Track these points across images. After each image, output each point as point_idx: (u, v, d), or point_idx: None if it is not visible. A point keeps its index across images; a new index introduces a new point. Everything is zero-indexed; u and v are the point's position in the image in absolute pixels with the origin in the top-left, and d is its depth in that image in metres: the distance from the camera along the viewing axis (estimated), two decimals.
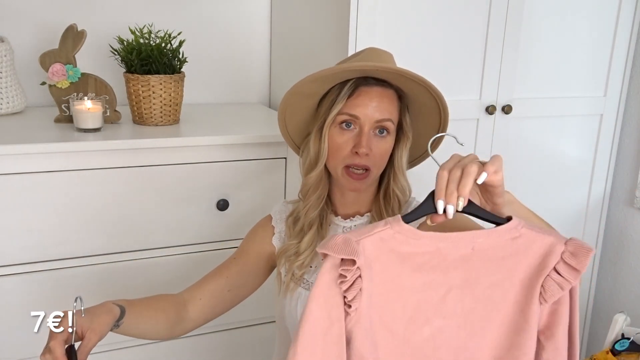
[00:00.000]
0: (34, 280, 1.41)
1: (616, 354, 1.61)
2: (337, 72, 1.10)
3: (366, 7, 1.48)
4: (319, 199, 1.18)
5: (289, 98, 1.17)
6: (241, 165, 1.53)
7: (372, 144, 1.10)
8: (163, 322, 1.14)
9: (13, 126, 1.52)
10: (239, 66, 1.99)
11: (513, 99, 1.74)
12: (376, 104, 1.10)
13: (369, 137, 1.10)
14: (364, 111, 1.09)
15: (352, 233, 0.87)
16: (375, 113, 1.09)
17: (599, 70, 1.87)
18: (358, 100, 1.10)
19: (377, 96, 1.10)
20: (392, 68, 1.09)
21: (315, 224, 1.19)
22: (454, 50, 1.64)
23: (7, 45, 1.59)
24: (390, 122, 1.11)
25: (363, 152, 1.09)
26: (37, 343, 1.41)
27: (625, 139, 1.98)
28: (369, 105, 1.09)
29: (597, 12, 1.80)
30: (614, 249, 2.06)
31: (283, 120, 1.21)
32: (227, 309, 1.24)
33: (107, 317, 1.01)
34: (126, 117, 1.60)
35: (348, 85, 1.11)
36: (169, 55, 1.53)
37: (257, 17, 1.97)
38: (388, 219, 0.89)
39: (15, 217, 1.35)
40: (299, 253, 1.18)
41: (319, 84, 1.14)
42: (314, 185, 1.17)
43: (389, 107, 1.11)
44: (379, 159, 1.12)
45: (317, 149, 1.15)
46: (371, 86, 1.10)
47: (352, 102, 1.10)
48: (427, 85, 1.09)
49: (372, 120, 1.10)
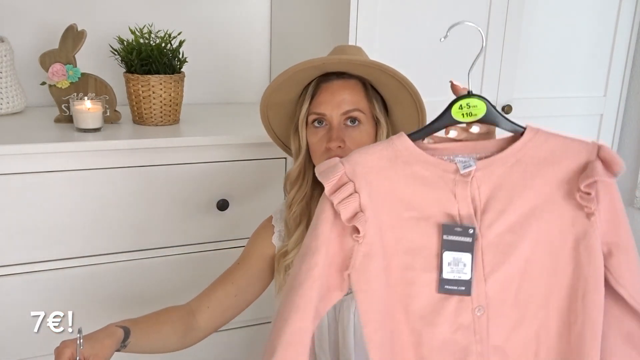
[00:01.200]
0: (34, 280, 1.40)
1: None
2: (291, 74, 1.12)
3: (366, 7, 1.48)
4: (300, 194, 1.19)
5: (264, 111, 1.21)
6: (241, 165, 1.53)
7: (344, 135, 1.11)
8: (171, 335, 1.15)
9: (13, 126, 1.51)
10: (239, 66, 1.99)
11: (513, 99, 1.74)
12: (339, 97, 1.12)
13: (339, 130, 1.11)
14: (329, 107, 1.12)
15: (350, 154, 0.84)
16: (340, 105, 1.11)
17: (599, 70, 1.87)
18: (321, 97, 1.13)
19: (339, 89, 1.12)
20: (338, 58, 1.10)
21: (303, 221, 1.19)
22: (453, 50, 1.64)
23: (7, 45, 1.59)
24: (358, 111, 1.12)
25: (334, 145, 1.10)
26: (37, 343, 1.41)
27: (625, 139, 1.98)
28: (331, 100, 1.12)
29: (597, 12, 1.80)
30: None
31: (269, 128, 1.25)
32: (236, 314, 1.25)
33: (109, 341, 1.04)
34: (126, 117, 1.60)
35: (310, 86, 1.14)
36: (169, 55, 1.53)
37: (257, 17, 1.97)
38: (392, 137, 0.85)
39: (15, 217, 1.35)
40: (287, 252, 1.19)
41: (284, 92, 1.16)
42: (293, 180, 1.19)
43: (352, 97, 1.12)
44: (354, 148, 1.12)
45: (296, 147, 1.18)
46: (331, 81, 1.13)
47: (316, 101, 1.13)
48: (379, 67, 1.09)
49: (338, 114, 1.11)
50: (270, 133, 1.26)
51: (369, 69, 1.11)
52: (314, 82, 1.14)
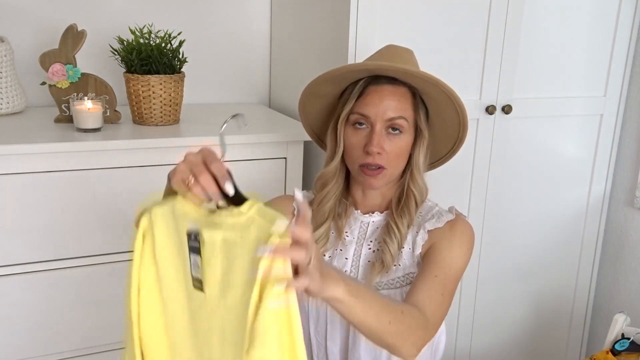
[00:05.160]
0: (34, 280, 1.40)
1: (616, 354, 1.61)
2: (344, 72, 1.11)
3: (366, 7, 1.48)
4: (333, 192, 1.20)
5: (304, 99, 1.19)
6: (241, 165, 1.53)
7: (384, 142, 1.10)
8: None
9: (13, 126, 1.51)
10: (239, 66, 1.99)
11: (513, 99, 1.74)
12: (387, 103, 1.10)
13: (380, 135, 1.10)
14: (374, 110, 1.10)
15: None
16: (386, 111, 1.10)
17: (599, 70, 1.87)
18: (367, 99, 1.11)
19: (388, 94, 1.10)
20: (396, 66, 1.09)
21: (330, 216, 1.20)
22: (454, 50, 1.64)
23: (7, 45, 1.59)
24: (403, 119, 1.11)
25: (374, 151, 1.10)
26: (37, 343, 1.42)
27: (625, 139, 1.98)
28: (379, 104, 1.10)
29: (597, 12, 1.80)
30: (614, 249, 2.06)
31: (304, 116, 1.24)
32: None
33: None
34: (126, 117, 1.60)
35: (358, 85, 1.12)
36: (169, 55, 1.53)
37: (257, 17, 1.97)
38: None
39: (15, 217, 1.35)
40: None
41: (330, 84, 1.15)
42: (328, 179, 1.19)
43: (400, 105, 1.11)
44: (393, 157, 1.12)
45: (332, 146, 1.17)
46: (381, 85, 1.11)
47: (362, 101, 1.11)
48: (434, 82, 1.09)
49: (382, 119, 1.10)
50: (305, 125, 1.26)
51: (424, 82, 1.10)
52: (363, 81, 1.12)
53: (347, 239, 1.21)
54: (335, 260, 1.20)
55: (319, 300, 0.82)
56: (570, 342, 2.14)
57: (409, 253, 1.16)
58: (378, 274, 1.15)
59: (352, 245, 1.21)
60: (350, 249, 1.20)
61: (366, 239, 1.21)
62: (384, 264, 1.15)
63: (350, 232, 1.21)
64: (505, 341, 2.02)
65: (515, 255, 1.92)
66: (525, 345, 2.06)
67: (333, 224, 1.21)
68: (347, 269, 1.19)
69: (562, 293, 2.06)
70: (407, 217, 1.17)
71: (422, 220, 1.19)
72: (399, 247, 1.16)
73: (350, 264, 1.19)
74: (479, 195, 1.79)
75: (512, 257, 1.92)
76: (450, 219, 1.17)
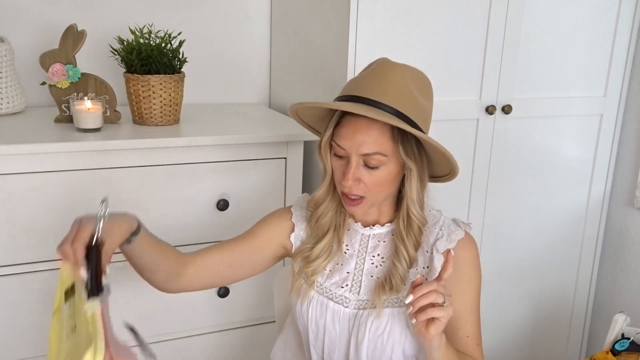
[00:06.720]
0: (34, 280, 1.41)
1: (616, 354, 1.61)
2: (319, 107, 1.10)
3: (366, 7, 1.48)
4: (329, 208, 1.18)
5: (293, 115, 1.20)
6: (241, 165, 1.53)
7: (361, 174, 1.07)
8: (164, 266, 1.14)
9: (13, 126, 1.51)
10: (239, 66, 1.99)
11: (513, 99, 1.74)
12: (361, 138, 1.04)
13: (356, 168, 1.06)
14: (348, 143, 1.06)
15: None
16: (359, 146, 1.05)
17: (599, 70, 1.87)
18: (342, 131, 1.07)
19: (363, 128, 1.04)
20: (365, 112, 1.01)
21: (330, 231, 1.19)
22: (454, 50, 1.64)
23: (7, 45, 1.59)
24: (380, 155, 1.05)
25: (347, 185, 1.07)
26: (37, 343, 1.41)
27: (625, 139, 1.98)
28: (352, 137, 1.05)
29: (597, 12, 1.80)
30: (614, 249, 2.06)
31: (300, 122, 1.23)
32: (221, 283, 1.27)
33: (126, 225, 1.03)
34: (126, 117, 1.60)
35: (335, 115, 1.08)
36: (169, 55, 1.53)
37: (257, 17, 1.97)
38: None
39: (15, 217, 1.35)
40: (312, 259, 1.18)
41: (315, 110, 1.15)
42: (320, 199, 1.18)
43: (376, 139, 1.04)
44: (373, 187, 1.09)
45: (322, 165, 1.14)
46: (356, 117, 1.05)
47: (338, 132, 1.07)
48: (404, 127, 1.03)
49: (357, 154, 1.05)
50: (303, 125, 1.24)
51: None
52: (338, 112, 1.08)
53: (348, 253, 1.20)
54: (336, 273, 1.19)
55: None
56: (570, 342, 2.14)
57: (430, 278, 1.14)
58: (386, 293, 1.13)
59: (353, 259, 1.19)
60: (351, 262, 1.19)
61: (368, 253, 1.19)
62: (393, 286, 1.13)
63: (350, 245, 1.20)
64: (505, 341, 2.02)
65: (515, 255, 1.93)
66: (525, 345, 2.06)
67: (335, 234, 1.20)
68: (347, 282, 1.17)
69: (562, 293, 2.06)
70: (412, 239, 1.15)
71: (432, 237, 1.15)
72: (408, 268, 1.15)
73: (352, 278, 1.18)
74: (479, 196, 1.79)
75: (512, 257, 1.92)
76: (460, 237, 1.14)
